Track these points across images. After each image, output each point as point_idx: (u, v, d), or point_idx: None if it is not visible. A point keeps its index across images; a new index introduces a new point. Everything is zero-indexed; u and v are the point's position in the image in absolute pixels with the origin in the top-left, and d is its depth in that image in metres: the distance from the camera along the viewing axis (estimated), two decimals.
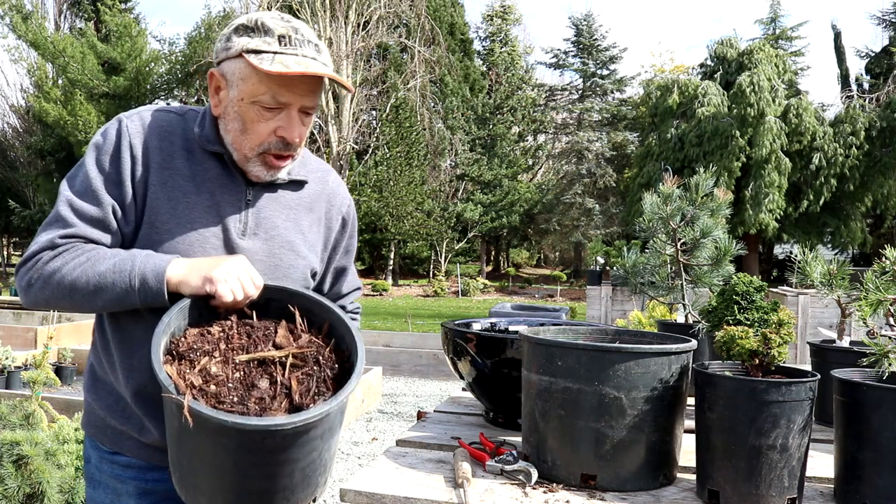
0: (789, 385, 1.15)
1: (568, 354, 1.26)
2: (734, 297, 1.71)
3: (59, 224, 1.35)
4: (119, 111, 24.21)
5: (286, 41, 1.32)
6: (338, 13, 24.21)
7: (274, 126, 1.35)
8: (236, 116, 1.36)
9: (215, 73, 1.38)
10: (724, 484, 1.18)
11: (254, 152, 1.37)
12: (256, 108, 1.33)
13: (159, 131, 1.41)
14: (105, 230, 1.36)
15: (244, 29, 1.34)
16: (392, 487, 1.25)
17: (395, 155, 24.35)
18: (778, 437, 1.15)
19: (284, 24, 1.34)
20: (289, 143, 1.37)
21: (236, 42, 1.34)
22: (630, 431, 1.24)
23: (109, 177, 1.37)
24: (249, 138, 1.36)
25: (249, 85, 1.33)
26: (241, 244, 1.41)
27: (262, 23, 1.33)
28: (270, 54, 1.30)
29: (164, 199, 1.37)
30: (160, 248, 1.37)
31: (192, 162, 1.40)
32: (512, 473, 1.30)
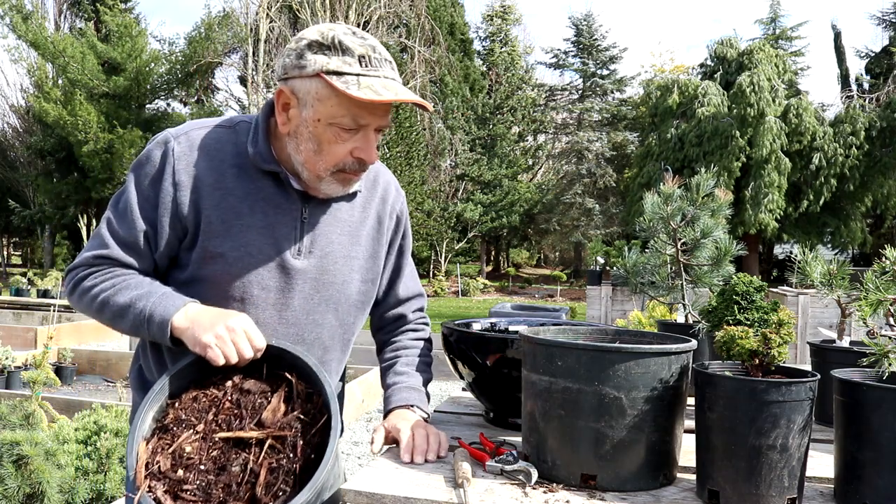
0: (789, 385, 1.15)
1: (568, 354, 1.26)
2: (734, 297, 1.71)
3: (97, 242, 1.39)
4: (119, 111, 24.17)
5: (366, 62, 1.27)
6: (338, 13, 24.21)
7: (351, 147, 1.32)
8: (311, 137, 1.31)
9: (285, 90, 1.32)
10: (724, 484, 1.18)
11: (328, 172, 1.34)
12: (334, 129, 1.30)
13: (209, 151, 1.37)
14: (136, 253, 1.38)
15: (319, 46, 1.28)
16: (392, 487, 1.25)
17: (395, 155, 24.35)
18: (778, 437, 1.15)
19: (362, 42, 1.28)
20: (366, 163, 1.35)
21: (311, 60, 1.27)
22: (630, 431, 1.24)
23: (148, 200, 1.36)
24: (325, 159, 1.33)
25: (328, 107, 1.28)
26: (295, 265, 1.40)
27: (339, 41, 1.27)
28: (354, 77, 1.26)
29: (218, 222, 1.35)
30: (214, 270, 1.37)
31: (245, 181, 1.37)
32: (512, 473, 1.30)
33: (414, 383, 1.57)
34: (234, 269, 1.36)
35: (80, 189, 25.47)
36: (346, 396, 6.21)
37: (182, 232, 1.37)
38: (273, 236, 1.38)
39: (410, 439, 1.39)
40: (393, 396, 1.55)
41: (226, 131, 1.40)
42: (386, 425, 1.47)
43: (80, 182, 25.30)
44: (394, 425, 1.46)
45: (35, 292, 12.84)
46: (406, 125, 24.53)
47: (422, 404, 1.54)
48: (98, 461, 3.21)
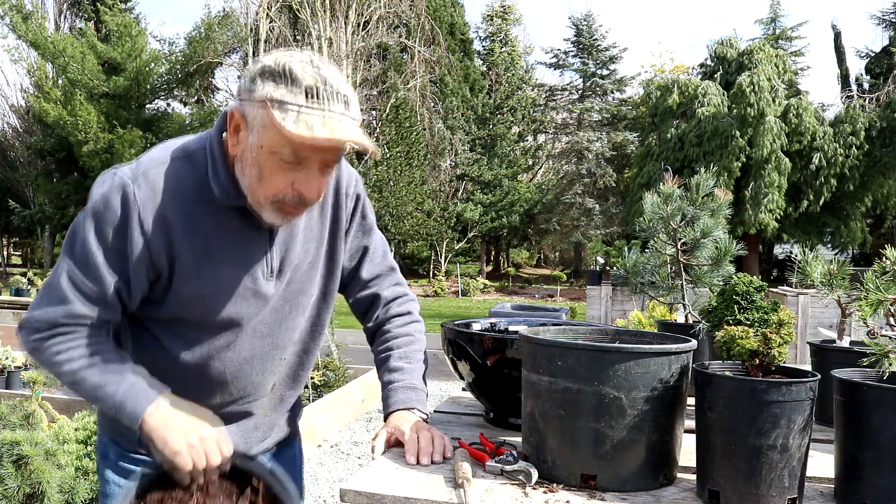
0: (789, 385, 1.15)
1: (568, 354, 1.26)
2: (734, 297, 1.71)
3: (58, 299, 1.31)
4: (119, 111, 24.11)
5: (313, 94, 1.21)
6: (338, 13, 24.21)
7: (292, 179, 1.27)
8: (254, 163, 1.27)
9: (236, 113, 1.28)
10: (725, 484, 1.18)
11: (268, 201, 1.29)
12: (276, 158, 1.25)
13: (171, 191, 1.30)
14: (103, 306, 1.33)
15: (270, 74, 1.24)
16: (392, 487, 1.25)
17: (395, 155, 24.34)
18: (778, 437, 1.15)
19: (313, 73, 1.22)
20: (306, 199, 1.29)
21: (261, 87, 1.24)
22: (630, 431, 1.24)
23: (115, 252, 1.29)
24: (265, 187, 1.28)
25: (270, 135, 1.24)
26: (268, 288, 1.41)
27: (290, 69, 1.22)
28: (295, 109, 1.21)
29: (191, 264, 1.33)
30: (191, 310, 1.36)
31: (212, 216, 1.33)
32: (512, 474, 1.30)
33: (411, 381, 1.57)
34: (211, 305, 1.37)
35: (80, 189, 25.45)
36: (345, 396, 6.21)
37: (155, 276, 1.34)
38: (246, 268, 1.37)
39: (415, 442, 1.40)
40: (391, 398, 1.55)
41: (183, 164, 1.33)
42: (388, 429, 1.48)
43: (80, 182, 25.29)
44: (396, 427, 1.46)
45: (35, 292, 12.84)
46: (406, 125, 24.53)
47: (421, 405, 1.54)
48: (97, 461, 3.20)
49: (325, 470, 5.03)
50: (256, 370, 1.47)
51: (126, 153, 23.20)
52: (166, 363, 1.40)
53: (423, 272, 30.37)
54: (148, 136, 24.27)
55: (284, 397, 1.58)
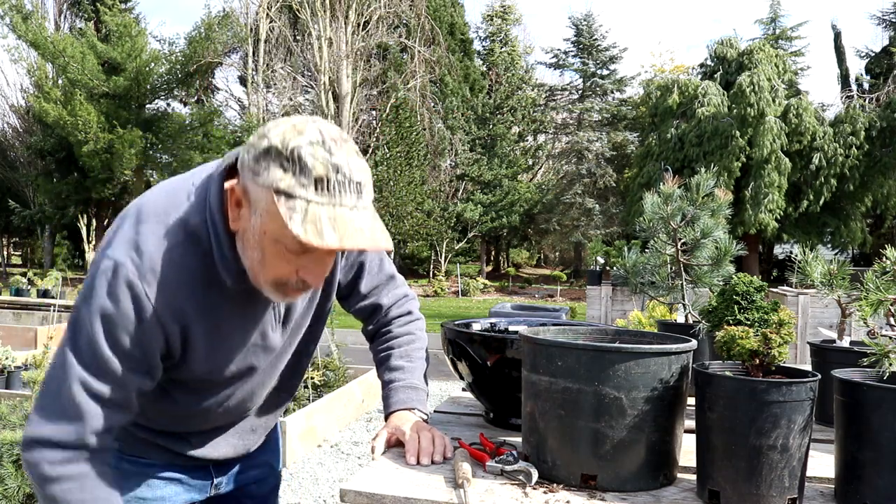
0: (790, 385, 1.15)
1: (568, 354, 1.26)
2: (734, 297, 1.71)
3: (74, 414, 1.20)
4: (119, 111, 24.01)
5: (323, 186, 1.11)
6: (338, 13, 24.21)
7: (296, 266, 1.20)
8: (256, 245, 1.19)
9: (237, 188, 1.19)
10: (725, 484, 1.18)
11: (269, 283, 1.23)
12: (280, 247, 1.17)
13: (184, 282, 1.23)
14: (124, 409, 1.26)
15: (276, 156, 1.12)
16: (392, 487, 1.25)
17: (395, 155, 24.35)
18: (778, 437, 1.15)
19: (324, 159, 1.12)
20: (310, 286, 1.24)
21: (265, 170, 1.13)
22: (630, 431, 1.24)
23: (133, 352, 1.22)
24: (267, 271, 1.21)
25: (275, 225, 1.14)
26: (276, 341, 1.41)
27: (299, 155, 1.11)
28: (303, 204, 1.11)
29: (203, 341, 1.29)
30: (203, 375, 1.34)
31: (223, 301, 1.28)
32: (512, 474, 1.30)
33: (412, 381, 1.57)
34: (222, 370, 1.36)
35: (80, 189, 25.47)
36: (345, 396, 6.21)
37: (169, 359, 1.30)
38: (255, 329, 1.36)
39: (416, 442, 1.40)
40: (392, 398, 1.55)
41: (187, 247, 1.24)
42: (388, 429, 1.48)
43: (80, 182, 25.30)
44: (397, 427, 1.47)
45: (35, 292, 12.83)
46: (406, 125, 24.54)
47: (421, 405, 1.55)
48: None
49: (325, 470, 5.03)
50: (258, 396, 1.50)
51: (126, 153, 23.21)
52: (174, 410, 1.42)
53: (423, 272, 30.38)
54: (148, 136, 24.28)
55: (280, 400, 1.60)
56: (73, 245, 27.61)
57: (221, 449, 1.53)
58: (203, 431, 1.50)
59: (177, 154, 24.95)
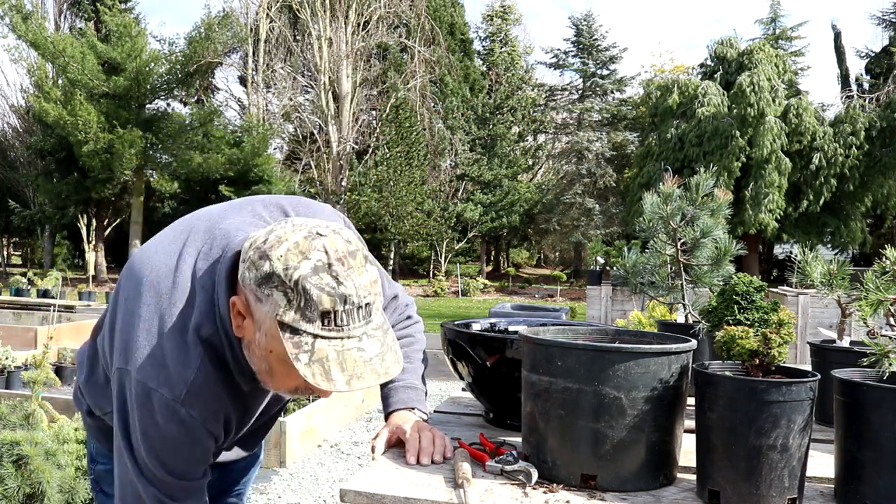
0: (789, 385, 1.15)
1: (568, 354, 1.26)
2: (734, 297, 1.71)
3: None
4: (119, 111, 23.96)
5: (329, 320, 1.08)
6: (338, 13, 24.21)
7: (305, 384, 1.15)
8: (263, 359, 1.18)
9: (238, 303, 1.17)
10: (725, 484, 1.18)
11: (280, 391, 1.27)
12: (288, 367, 1.13)
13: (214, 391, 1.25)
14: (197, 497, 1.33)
15: (280, 284, 1.09)
16: (392, 487, 1.25)
17: (395, 155, 24.34)
18: (778, 437, 1.15)
19: (331, 290, 1.08)
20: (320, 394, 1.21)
21: (269, 297, 1.10)
22: (630, 431, 1.24)
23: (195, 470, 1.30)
24: (276, 383, 1.21)
25: (281, 351, 1.12)
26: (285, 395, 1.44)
27: (304, 287, 1.07)
28: (310, 340, 1.08)
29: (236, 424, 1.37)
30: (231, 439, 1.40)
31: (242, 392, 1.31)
32: (512, 474, 1.30)
33: (411, 381, 1.57)
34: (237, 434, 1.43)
35: (80, 189, 25.46)
36: (345, 396, 6.21)
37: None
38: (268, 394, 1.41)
39: (416, 441, 1.40)
40: (392, 397, 1.55)
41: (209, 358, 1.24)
42: (388, 429, 1.48)
43: (80, 182, 25.29)
44: (397, 427, 1.47)
45: (35, 292, 12.84)
46: (406, 125, 24.53)
47: (421, 405, 1.55)
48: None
49: (325, 470, 5.03)
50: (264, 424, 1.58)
51: (126, 153, 23.20)
52: None
53: (423, 272, 30.37)
54: (148, 136, 24.27)
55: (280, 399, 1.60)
56: (73, 245, 27.62)
57: (225, 455, 1.55)
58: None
59: (177, 154, 24.93)
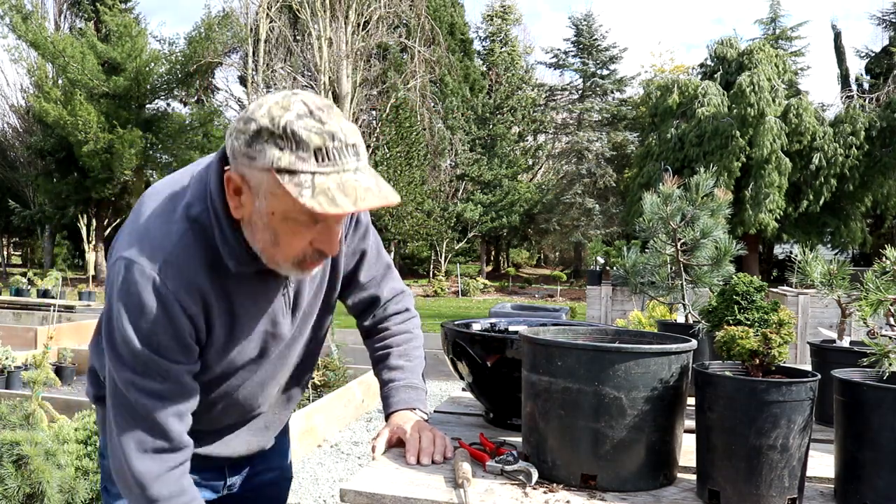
0: (789, 385, 1.15)
1: (568, 354, 1.26)
2: (734, 297, 1.71)
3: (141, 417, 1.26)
4: (119, 111, 24.04)
5: (323, 155, 1.12)
6: (338, 13, 24.20)
7: (311, 238, 1.21)
8: (266, 227, 1.20)
9: (234, 177, 1.19)
10: (725, 484, 1.18)
11: (287, 262, 1.25)
12: (291, 223, 1.18)
13: (196, 269, 1.25)
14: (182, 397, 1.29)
15: (270, 136, 1.12)
16: (392, 487, 1.25)
17: (395, 155, 24.34)
18: (778, 437, 1.15)
19: (318, 129, 1.12)
20: (327, 254, 1.26)
21: (261, 151, 1.13)
22: (630, 431, 1.24)
23: (167, 347, 1.25)
24: (283, 251, 1.23)
25: (283, 203, 1.15)
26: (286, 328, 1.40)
27: (292, 130, 1.11)
28: (308, 178, 1.11)
29: (221, 328, 1.31)
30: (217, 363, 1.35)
31: (232, 282, 1.29)
32: (512, 474, 1.30)
33: (412, 380, 1.57)
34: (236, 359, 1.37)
35: (80, 189, 25.46)
36: (346, 396, 6.21)
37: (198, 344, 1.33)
38: (267, 316, 1.36)
39: (416, 441, 1.40)
40: (392, 397, 1.55)
41: (194, 235, 1.25)
42: (389, 429, 1.48)
43: (80, 182, 25.29)
44: (398, 427, 1.47)
45: (35, 292, 12.84)
46: (406, 125, 24.53)
47: (422, 405, 1.55)
48: (98, 461, 3.21)
49: (325, 470, 5.03)
50: (269, 388, 1.50)
51: (126, 153, 23.21)
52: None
53: (423, 272, 30.37)
54: (148, 136, 24.28)
55: (291, 396, 1.61)
56: (73, 245, 27.60)
57: (235, 446, 1.52)
58: (216, 430, 1.49)
59: (177, 154, 24.95)
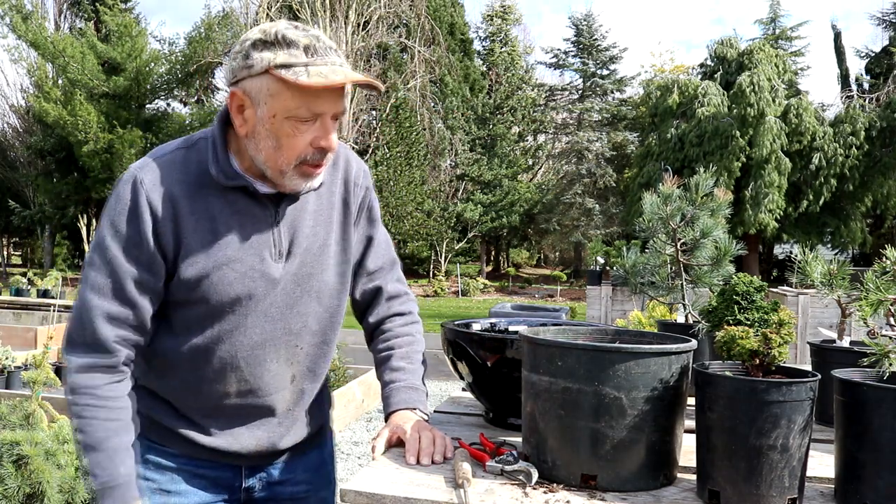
0: (790, 385, 1.15)
1: (568, 354, 1.26)
2: (734, 297, 1.71)
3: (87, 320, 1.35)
4: (119, 111, 24.12)
5: (312, 51, 1.29)
6: (338, 13, 24.20)
7: (310, 137, 1.32)
8: (268, 134, 1.32)
9: (237, 92, 1.32)
10: (725, 484, 1.18)
11: (290, 166, 1.34)
12: (291, 122, 1.31)
13: (177, 176, 1.36)
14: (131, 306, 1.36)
15: (263, 44, 1.29)
16: (392, 487, 1.25)
17: (395, 155, 24.34)
18: (778, 437, 1.15)
19: (305, 34, 1.30)
20: (326, 150, 1.35)
21: (258, 58, 1.29)
22: (630, 431, 1.24)
23: (130, 240, 1.34)
24: (285, 153, 1.33)
25: (282, 101, 1.29)
26: (276, 269, 1.42)
27: (283, 35, 1.29)
28: (302, 67, 1.27)
29: (197, 246, 1.36)
30: (201, 291, 1.37)
31: (215, 199, 1.38)
32: (512, 474, 1.30)
33: (413, 381, 1.57)
34: (220, 286, 1.38)
35: (80, 189, 25.47)
36: (346, 396, 6.21)
37: (168, 261, 1.37)
38: (252, 248, 1.39)
39: (416, 441, 1.40)
40: (393, 397, 1.55)
41: (187, 152, 1.39)
42: (389, 428, 1.48)
43: (80, 182, 25.30)
44: (398, 427, 1.47)
45: (35, 292, 12.83)
46: (406, 125, 24.53)
47: (423, 406, 1.55)
48: None
49: None
50: (270, 356, 1.46)
51: (126, 153, 23.20)
52: (178, 348, 1.42)
53: (423, 272, 30.36)
54: (148, 136, 24.27)
55: (305, 391, 1.55)
56: (73, 245, 27.59)
57: (244, 440, 1.49)
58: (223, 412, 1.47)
59: None
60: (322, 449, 1.68)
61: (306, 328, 1.49)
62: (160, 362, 1.45)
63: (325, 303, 1.51)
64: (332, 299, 1.52)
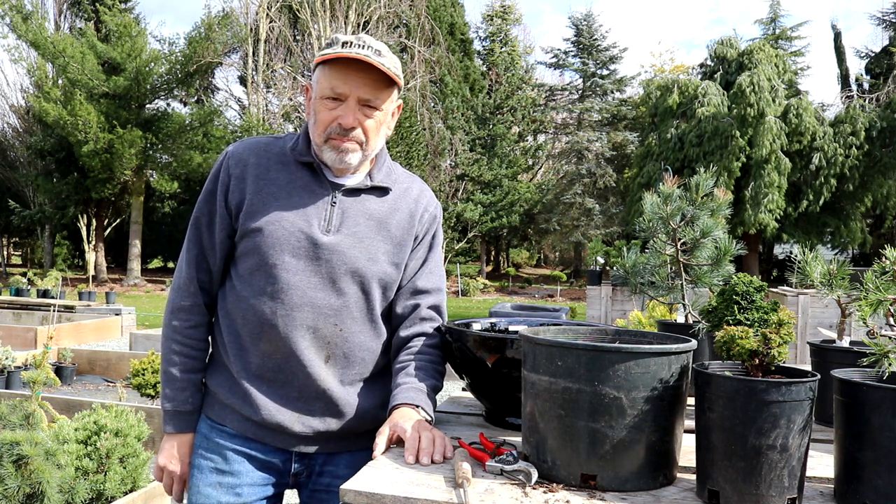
0: (789, 385, 1.15)
1: (568, 354, 1.26)
2: (734, 297, 1.71)
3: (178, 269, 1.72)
4: (119, 111, 24.05)
5: (349, 45, 1.55)
6: (338, 13, 24.20)
7: (335, 115, 1.58)
8: (313, 113, 1.62)
9: (307, 84, 1.68)
10: (724, 484, 1.18)
11: (321, 138, 1.60)
12: (323, 102, 1.58)
13: (256, 150, 1.67)
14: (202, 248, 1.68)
15: (324, 46, 1.60)
16: (392, 487, 1.25)
17: (395, 155, 24.32)
18: (778, 437, 1.15)
19: (355, 38, 1.57)
20: (345, 127, 1.57)
21: (318, 55, 1.58)
22: (630, 431, 1.24)
23: (209, 192, 1.67)
24: (318, 128, 1.60)
25: (319, 85, 1.59)
26: (323, 239, 1.60)
27: (335, 37, 1.58)
28: (339, 48, 1.55)
29: (259, 204, 1.62)
30: (254, 241, 1.60)
31: (284, 172, 1.65)
32: (512, 473, 1.30)
33: (421, 386, 1.59)
34: (269, 240, 1.59)
35: (80, 189, 25.44)
36: None
37: (232, 215, 1.64)
38: (304, 214, 1.60)
39: (416, 441, 1.41)
40: (398, 395, 1.57)
41: (275, 139, 1.71)
42: (389, 425, 1.48)
43: (80, 182, 25.27)
44: (398, 424, 1.47)
45: (35, 292, 12.84)
46: (406, 125, 24.52)
47: (426, 406, 1.55)
48: (98, 461, 3.21)
49: None
50: (307, 323, 1.59)
51: (126, 153, 23.19)
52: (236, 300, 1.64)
53: None
54: (148, 136, 24.26)
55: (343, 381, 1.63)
56: (73, 245, 27.60)
57: (285, 413, 1.60)
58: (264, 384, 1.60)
59: (177, 154, 24.91)
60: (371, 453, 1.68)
61: (346, 308, 1.61)
62: (222, 315, 1.67)
63: (366, 288, 1.63)
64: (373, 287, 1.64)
